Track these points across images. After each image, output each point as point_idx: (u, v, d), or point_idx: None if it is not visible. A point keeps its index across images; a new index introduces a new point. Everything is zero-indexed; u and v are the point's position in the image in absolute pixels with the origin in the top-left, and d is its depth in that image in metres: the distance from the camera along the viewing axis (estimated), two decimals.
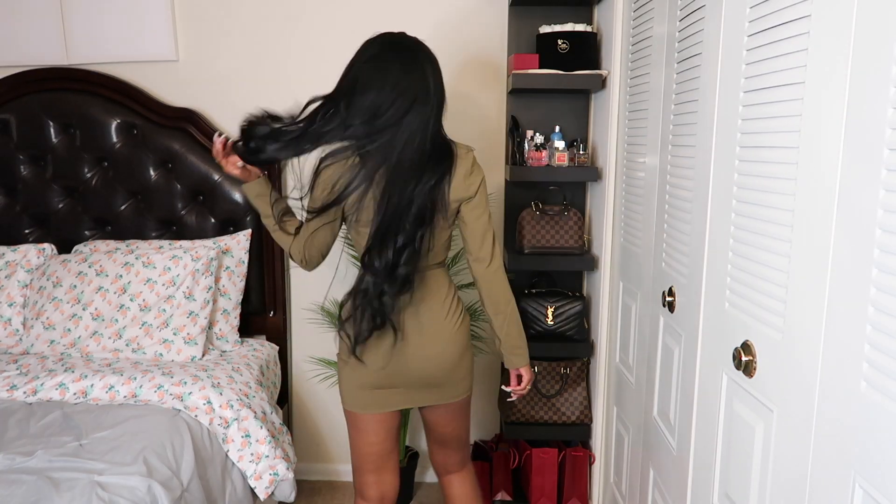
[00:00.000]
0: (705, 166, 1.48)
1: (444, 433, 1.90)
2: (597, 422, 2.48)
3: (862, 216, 0.95)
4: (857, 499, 0.96)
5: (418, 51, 1.62)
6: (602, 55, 2.42)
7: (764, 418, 1.23)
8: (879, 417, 0.91)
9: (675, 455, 1.70)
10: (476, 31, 2.61)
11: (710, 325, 1.47)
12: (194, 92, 2.69)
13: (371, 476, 1.84)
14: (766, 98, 1.23)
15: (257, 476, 2.11)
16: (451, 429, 1.89)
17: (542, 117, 2.57)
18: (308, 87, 2.67)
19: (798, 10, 1.12)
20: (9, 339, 2.47)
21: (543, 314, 2.46)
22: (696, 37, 1.55)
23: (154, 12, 2.62)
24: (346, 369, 1.77)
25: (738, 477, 1.34)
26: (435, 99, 1.60)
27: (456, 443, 1.93)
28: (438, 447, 1.95)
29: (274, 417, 2.28)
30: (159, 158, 2.65)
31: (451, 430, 1.89)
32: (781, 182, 1.17)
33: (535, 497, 2.50)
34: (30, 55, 2.67)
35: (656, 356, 1.85)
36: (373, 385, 1.75)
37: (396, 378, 1.74)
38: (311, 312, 2.79)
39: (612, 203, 2.31)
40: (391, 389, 1.76)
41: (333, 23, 2.64)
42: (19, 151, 2.68)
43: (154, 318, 2.38)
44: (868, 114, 0.93)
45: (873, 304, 0.92)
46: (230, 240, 2.59)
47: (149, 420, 1.96)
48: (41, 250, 2.60)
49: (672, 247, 1.72)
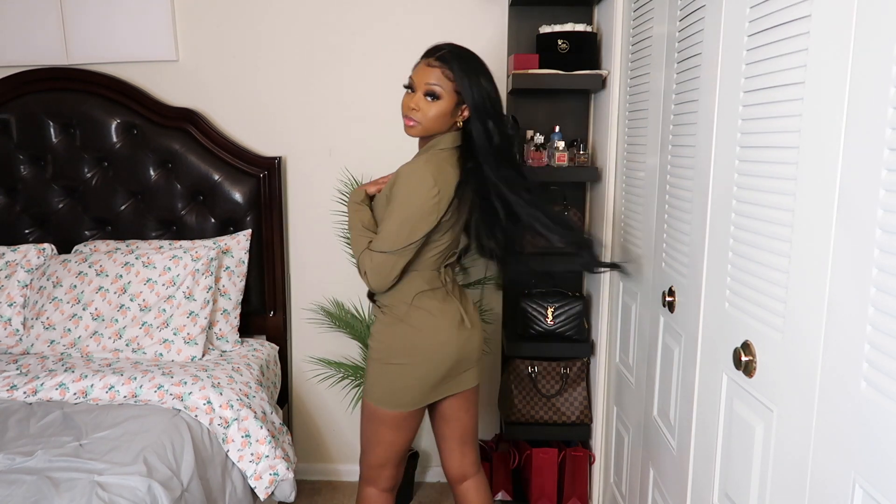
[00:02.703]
0: (705, 166, 1.48)
1: (466, 421, 1.91)
2: (597, 422, 2.48)
3: (862, 216, 0.95)
4: (857, 499, 0.96)
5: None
6: (602, 55, 2.42)
7: (764, 418, 1.23)
8: (879, 417, 0.91)
9: (675, 455, 1.70)
10: (476, 31, 2.61)
11: (710, 325, 1.47)
12: (194, 92, 2.69)
13: (396, 469, 1.88)
14: (766, 98, 1.23)
15: (257, 476, 2.11)
16: (471, 416, 1.91)
17: (542, 117, 2.57)
18: (308, 86, 2.69)
19: (798, 10, 1.12)
20: (9, 339, 2.47)
21: (543, 314, 2.46)
22: (696, 37, 1.55)
23: (154, 12, 2.62)
24: (415, 371, 1.77)
25: (738, 477, 1.34)
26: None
27: (473, 436, 1.95)
28: (459, 446, 1.93)
29: (274, 417, 2.28)
30: (159, 158, 2.65)
31: (471, 417, 1.92)
32: (781, 182, 1.17)
33: (535, 497, 2.50)
34: (30, 55, 2.67)
35: (656, 356, 1.86)
36: (442, 378, 1.79)
37: (459, 366, 1.80)
38: (311, 312, 2.80)
39: (612, 203, 2.31)
40: (448, 379, 1.80)
41: (333, 23, 2.64)
42: (19, 151, 2.68)
43: (154, 318, 2.38)
44: (868, 114, 0.93)
45: (873, 304, 0.92)
46: (230, 240, 2.60)
47: (149, 420, 1.96)
48: (41, 250, 2.60)
49: (672, 247, 1.72)
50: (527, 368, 2.53)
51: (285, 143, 2.71)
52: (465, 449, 1.94)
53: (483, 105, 1.68)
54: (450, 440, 1.94)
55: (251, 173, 2.65)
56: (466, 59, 1.70)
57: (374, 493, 1.88)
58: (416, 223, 1.65)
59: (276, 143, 2.71)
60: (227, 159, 2.65)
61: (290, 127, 2.71)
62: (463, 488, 1.97)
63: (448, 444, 1.94)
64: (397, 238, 1.66)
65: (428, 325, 1.75)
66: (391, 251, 1.66)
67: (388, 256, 1.67)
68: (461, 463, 1.94)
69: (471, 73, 1.68)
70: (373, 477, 1.88)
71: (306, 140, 2.71)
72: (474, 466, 1.96)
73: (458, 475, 1.96)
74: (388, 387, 1.77)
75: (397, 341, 1.76)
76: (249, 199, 2.66)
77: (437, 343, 1.75)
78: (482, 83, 1.69)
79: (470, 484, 1.96)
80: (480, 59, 1.73)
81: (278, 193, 2.67)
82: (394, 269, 1.69)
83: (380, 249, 1.67)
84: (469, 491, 1.96)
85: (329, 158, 2.70)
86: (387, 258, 1.67)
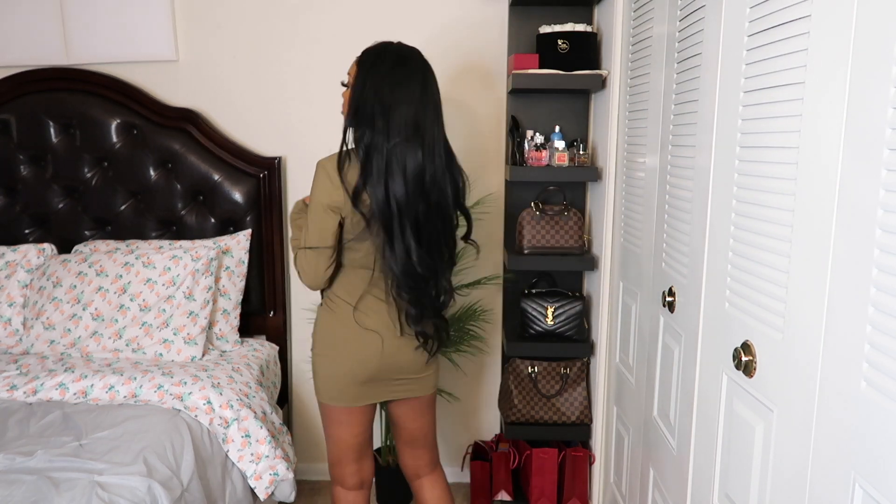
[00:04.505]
0: (705, 166, 1.48)
1: (414, 429, 1.92)
2: (597, 422, 2.48)
3: (862, 216, 0.95)
4: (857, 499, 0.96)
5: (423, 60, 1.68)
6: (602, 55, 2.42)
7: (764, 418, 1.23)
8: (879, 417, 0.91)
9: (675, 455, 1.70)
10: (476, 31, 2.61)
11: (710, 325, 1.47)
12: (194, 92, 2.69)
13: (353, 466, 1.88)
14: (766, 98, 1.23)
15: (257, 476, 2.11)
16: (420, 424, 1.92)
17: (542, 117, 2.57)
18: (308, 86, 2.69)
19: (798, 10, 1.12)
20: (9, 339, 2.47)
21: (543, 314, 2.46)
22: (696, 37, 1.55)
23: (154, 12, 2.62)
24: (334, 364, 1.78)
25: (738, 477, 1.34)
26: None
27: (424, 441, 1.95)
28: (409, 448, 1.96)
29: (274, 417, 2.28)
30: (159, 158, 2.65)
31: (420, 425, 1.92)
32: (781, 182, 1.17)
33: (535, 497, 2.50)
34: (30, 55, 2.67)
35: (656, 356, 1.86)
36: (367, 378, 1.77)
37: (383, 371, 1.78)
38: (311, 312, 2.79)
39: (612, 203, 2.31)
40: (377, 382, 1.79)
41: (333, 23, 2.64)
42: (19, 151, 2.68)
43: (154, 318, 2.38)
44: (868, 114, 0.93)
45: (873, 304, 0.92)
46: (230, 240, 2.60)
47: (149, 420, 1.96)
48: (41, 250, 2.60)
49: (672, 247, 1.72)
50: (527, 368, 2.53)
51: (285, 143, 2.71)
52: (416, 452, 1.96)
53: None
54: (399, 442, 1.98)
55: (251, 173, 2.65)
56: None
57: (341, 492, 1.92)
58: (318, 215, 1.67)
59: (276, 143, 2.71)
60: (227, 159, 2.65)
61: (290, 127, 2.71)
62: (417, 484, 2.00)
63: (399, 445, 1.99)
64: (311, 233, 1.68)
65: (351, 322, 1.74)
66: (310, 247, 1.69)
67: (307, 252, 1.70)
68: (414, 463, 1.98)
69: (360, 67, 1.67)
70: (335, 475, 1.91)
71: (306, 140, 2.71)
72: (428, 466, 1.98)
73: (411, 473, 2.00)
74: (317, 376, 1.81)
75: (323, 331, 1.79)
76: (249, 199, 2.66)
77: (360, 341, 1.74)
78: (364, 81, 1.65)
79: (424, 481, 1.99)
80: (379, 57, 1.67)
81: (278, 193, 2.67)
82: (317, 265, 1.70)
83: (302, 246, 1.71)
84: (423, 487, 1.99)
85: None
86: (307, 254, 1.70)
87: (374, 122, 1.60)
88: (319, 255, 1.69)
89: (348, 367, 1.75)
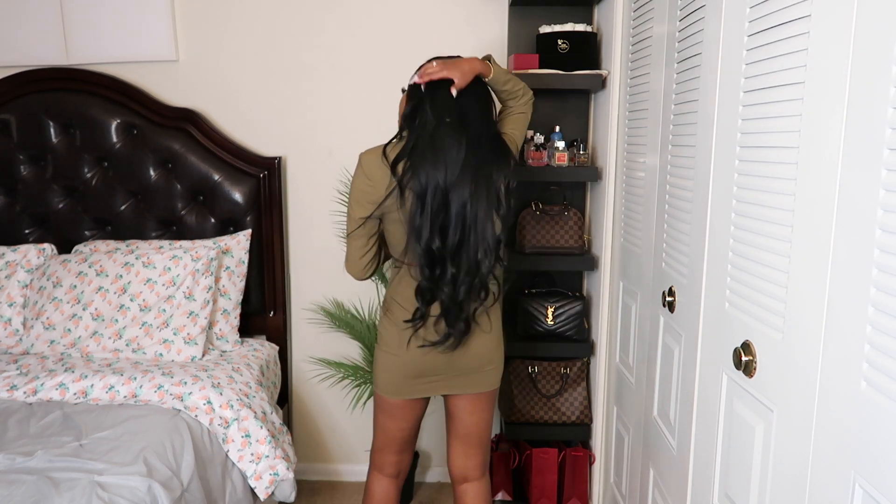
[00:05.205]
0: (705, 166, 1.48)
1: (470, 423, 1.90)
2: (597, 422, 2.48)
3: (862, 216, 0.95)
4: (857, 499, 0.96)
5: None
6: (602, 55, 2.42)
7: (764, 418, 1.23)
8: (879, 417, 0.91)
9: (675, 455, 1.70)
10: (476, 31, 2.61)
11: (710, 325, 1.47)
12: (194, 92, 2.69)
13: (394, 457, 1.94)
14: (766, 98, 1.23)
15: (257, 476, 2.11)
16: (476, 420, 1.90)
17: (542, 117, 2.57)
18: (308, 86, 2.69)
19: (798, 10, 1.12)
20: (9, 339, 2.47)
21: (543, 314, 2.46)
22: (696, 37, 1.55)
23: (154, 12, 2.62)
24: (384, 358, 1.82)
25: (738, 477, 1.34)
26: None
27: (478, 440, 1.93)
28: (461, 445, 1.93)
29: (274, 417, 2.28)
30: (159, 158, 2.66)
31: (476, 420, 1.91)
32: (781, 182, 1.17)
33: (535, 497, 2.50)
34: (30, 55, 2.67)
35: (656, 356, 1.86)
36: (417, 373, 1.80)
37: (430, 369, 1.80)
38: (311, 312, 2.80)
39: (612, 203, 2.31)
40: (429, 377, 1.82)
41: (333, 22, 2.64)
42: (19, 151, 2.68)
43: (154, 318, 2.38)
44: (868, 114, 0.93)
45: (873, 304, 0.92)
46: (230, 240, 2.60)
47: (149, 420, 1.96)
48: (41, 250, 2.60)
49: (672, 247, 1.72)
50: (527, 368, 2.53)
51: (285, 143, 2.71)
52: (468, 451, 1.93)
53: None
54: (453, 437, 1.95)
55: (251, 173, 2.65)
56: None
57: (377, 477, 1.96)
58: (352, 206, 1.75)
59: (276, 143, 2.71)
60: (227, 159, 2.65)
61: (290, 127, 2.71)
62: (461, 490, 1.97)
63: (452, 442, 1.96)
64: (348, 222, 1.78)
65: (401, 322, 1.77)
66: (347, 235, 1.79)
67: (348, 240, 1.79)
68: (464, 464, 1.95)
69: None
70: (374, 461, 1.95)
71: (306, 140, 2.71)
72: (478, 471, 1.95)
73: (459, 475, 1.96)
74: (376, 369, 1.86)
75: (380, 328, 1.86)
76: (249, 199, 2.66)
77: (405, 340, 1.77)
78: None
79: (469, 487, 1.96)
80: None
81: (278, 193, 2.67)
82: (351, 252, 1.79)
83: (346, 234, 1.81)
84: (467, 493, 1.96)
85: (329, 158, 2.70)
86: (347, 242, 1.80)
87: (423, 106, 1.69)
88: (352, 243, 1.78)
89: (396, 363, 1.79)
